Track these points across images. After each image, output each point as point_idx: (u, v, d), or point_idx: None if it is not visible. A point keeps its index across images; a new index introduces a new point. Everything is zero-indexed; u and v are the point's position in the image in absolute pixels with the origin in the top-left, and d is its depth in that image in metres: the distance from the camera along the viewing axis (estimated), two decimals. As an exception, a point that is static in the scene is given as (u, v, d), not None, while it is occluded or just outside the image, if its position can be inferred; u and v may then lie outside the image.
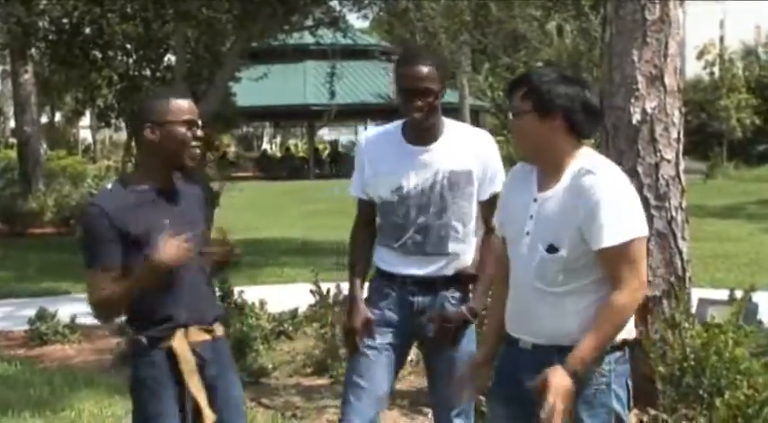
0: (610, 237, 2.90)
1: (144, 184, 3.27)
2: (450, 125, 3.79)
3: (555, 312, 3.00)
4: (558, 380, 2.87)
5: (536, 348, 3.06)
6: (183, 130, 3.23)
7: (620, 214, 2.92)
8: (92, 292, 3.24)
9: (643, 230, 2.99)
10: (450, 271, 3.79)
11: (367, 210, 3.90)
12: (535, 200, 3.06)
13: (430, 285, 3.79)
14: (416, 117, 3.67)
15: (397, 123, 3.84)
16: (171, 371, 3.25)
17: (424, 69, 3.65)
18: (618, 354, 3.03)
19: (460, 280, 3.84)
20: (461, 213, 3.75)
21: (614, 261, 2.92)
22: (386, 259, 3.85)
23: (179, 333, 3.26)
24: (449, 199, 3.73)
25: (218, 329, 3.40)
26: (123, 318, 3.39)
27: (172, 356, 3.24)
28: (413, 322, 3.80)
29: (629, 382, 3.10)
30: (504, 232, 3.23)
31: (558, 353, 2.98)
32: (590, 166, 2.98)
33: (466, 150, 3.74)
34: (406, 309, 3.80)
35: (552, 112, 2.98)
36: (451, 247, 3.76)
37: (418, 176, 3.72)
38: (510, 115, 3.10)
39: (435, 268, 3.77)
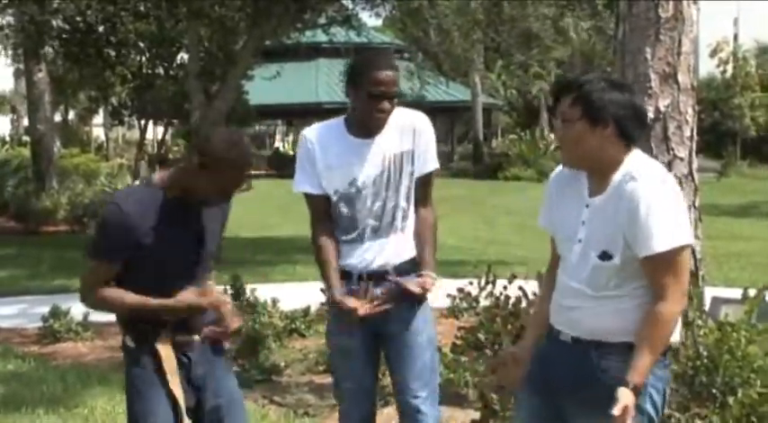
0: (654, 244, 2.87)
1: (172, 194, 3.25)
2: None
3: (599, 311, 2.98)
4: (630, 401, 2.84)
5: (575, 342, 3.05)
6: (234, 179, 3.21)
7: (662, 222, 2.88)
8: (88, 280, 3.30)
9: (687, 238, 2.94)
10: (399, 258, 3.85)
11: (321, 203, 3.88)
12: (587, 206, 3.03)
13: (384, 276, 3.84)
14: (381, 119, 3.74)
15: (338, 119, 3.89)
16: (157, 370, 3.29)
17: (394, 74, 3.73)
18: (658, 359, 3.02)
19: (409, 269, 3.89)
20: (406, 191, 3.85)
21: (658, 269, 2.90)
22: (341, 254, 3.88)
23: (163, 334, 3.30)
24: (396, 181, 3.82)
25: (206, 327, 3.40)
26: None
27: (157, 356, 3.28)
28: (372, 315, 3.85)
29: (668, 389, 3.09)
30: (554, 233, 3.20)
31: (595, 348, 2.99)
32: (634, 172, 2.95)
33: (406, 131, 3.82)
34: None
35: (603, 120, 2.96)
36: (399, 223, 3.85)
37: (370, 166, 3.80)
38: (558, 121, 3.06)
39: (388, 254, 3.83)
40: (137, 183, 3.39)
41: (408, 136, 3.82)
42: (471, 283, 8.26)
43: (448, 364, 5.97)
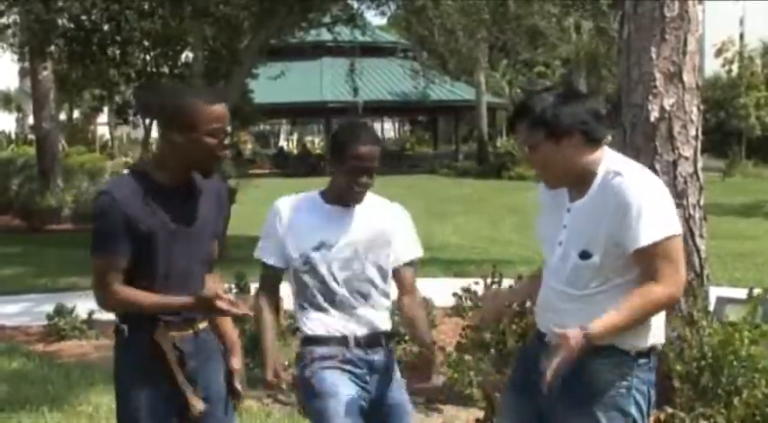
0: (645, 237, 2.87)
1: (160, 177, 3.21)
2: (368, 194, 3.76)
3: (583, 312, 2.97)
4: (573, 337, 2.82)
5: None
6: (212, 140, 3.14)
7: (653, 214, 2.89)
8: (98, 280, 3.22)
9: (677, 228, 2.95)
10: (387, 325, 3.76)
11: (275, 276, 3.79)
12: (569, 210, 3.06)
13: (377, 340, 3.72)
14: (359, 193, 3.65)
15: (313, 192, 3.80)
16: (152, 362, 3.26)
17: (377, 149, 3.64)
18: (643, 360, 3.02)
19: (387, 340, 3.79)
20: (379, 269, 3.72)
21: (653, 260, 2.89)
22: (325, 322, 3.73)
23: (161, 326, 3.25)
24: (369, 255, 3.70)
25: (201, 323, 3.38)
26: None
27: (153, 348, 3.25)
28: (369, 379, 3.71)
29: (652, 391, 3.08)
30: (540, 240, 3.23)
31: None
32: (617, 169, 2.97)
33: (382, 213, 3.75)
34: (365, 367, 3.70)
35: (567, 133, 2.98)
36: (375, 299, 3.72)
37: (341, 233, 3.68)
38: (524, 148, 3.09)
39: (374, 323, 3.72)
40: (125, 171, 3.34)
41: (386, 218, 3.75)
42: (477, 283, 8.24)
43: (452, 363, 5.96)
